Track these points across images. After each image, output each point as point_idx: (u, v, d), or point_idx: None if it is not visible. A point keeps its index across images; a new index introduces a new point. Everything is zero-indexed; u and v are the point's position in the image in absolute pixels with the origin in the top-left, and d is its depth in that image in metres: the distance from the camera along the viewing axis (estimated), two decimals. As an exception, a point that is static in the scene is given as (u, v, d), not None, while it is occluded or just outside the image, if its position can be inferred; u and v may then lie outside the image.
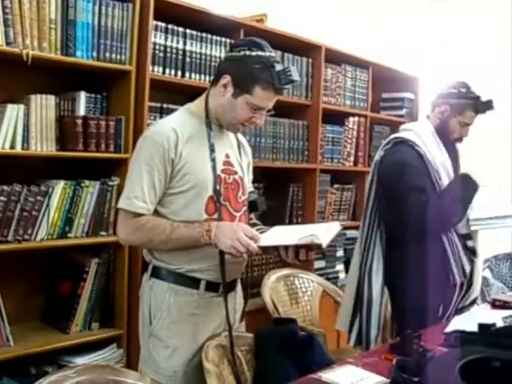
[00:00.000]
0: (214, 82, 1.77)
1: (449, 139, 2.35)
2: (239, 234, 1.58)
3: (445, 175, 2.26)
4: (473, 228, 2.29)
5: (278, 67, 1.67)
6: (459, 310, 2.30)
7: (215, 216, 1.72)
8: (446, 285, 2.24)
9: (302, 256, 1.61)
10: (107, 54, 2.33)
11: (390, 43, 4.06)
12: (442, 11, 4.29)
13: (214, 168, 1.73)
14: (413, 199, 2.16)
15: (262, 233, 1.71)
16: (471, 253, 2.34)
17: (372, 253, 2.33)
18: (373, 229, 2.35)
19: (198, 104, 1.83)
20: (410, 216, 2.16)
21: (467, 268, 2.27)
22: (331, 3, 3.86)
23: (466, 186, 2.22)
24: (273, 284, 2.68)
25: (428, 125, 2.37)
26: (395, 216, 2.26)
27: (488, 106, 2.33)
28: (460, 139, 2.39)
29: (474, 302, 2.43)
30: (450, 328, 1.88)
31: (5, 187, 2.06)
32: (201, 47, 2.70)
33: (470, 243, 2.35)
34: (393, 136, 2.38)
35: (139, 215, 1.67)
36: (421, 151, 2.24)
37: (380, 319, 2.32)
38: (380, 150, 2.38)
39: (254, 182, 2.03)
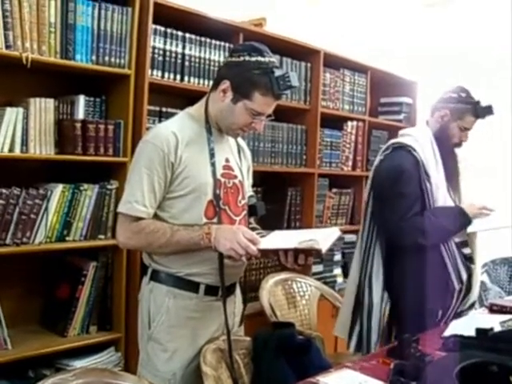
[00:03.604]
0: (214, 87, 1.77)
1: (448, 144, 2.36)
2: (239, 236, 1.59)
3: (435, 187, 2.26)
4: (469, 230, 2.33)
5: (278, 73, 1.67)
6: (458, 314, 2.31)
7: (215, 220, 1.72)
8: (445, 291, 2.26)
9: (301, 261, 1.61)
10: (106, 58, 2.33)
11: (388, 48, 4.07)
12: (439, 16, 4.30)
13: (213, 172, 1.73)
14: (397, 205, 2.19)
15: (261, 237, 1.71)
16: (468, 260, 2.35)
17: (372, 258, 2.33)
18: (372, 234, 2.35)
19: (197, 108, 1.83)
20: (390, 222, 2.22)
21: (464, 275, 2.28)
22: (329, 8, 3.88)
23: (457, 219, 2.26)
24: (271, 288, 2.68)
25: (427, 131, 2.37)
26: (380, 220, 2.31)
27: (488, 111, 2.34)
28: (459, 144, 2.40)
29: (472, 305, 2.43)
30: (447, 332, 1.89)
31: (3, 190, 2.06)
32: (200, 51, 2.70)
33: (465, 250, 2.36)
34: (392, 141, 2.39)
35: (139, 219, 1.68)
36: (418, 157, 2.25)
37: (381, 324, 2.32)
38: (379, 154, 2.39)
39: (252, 186, 2.03)
